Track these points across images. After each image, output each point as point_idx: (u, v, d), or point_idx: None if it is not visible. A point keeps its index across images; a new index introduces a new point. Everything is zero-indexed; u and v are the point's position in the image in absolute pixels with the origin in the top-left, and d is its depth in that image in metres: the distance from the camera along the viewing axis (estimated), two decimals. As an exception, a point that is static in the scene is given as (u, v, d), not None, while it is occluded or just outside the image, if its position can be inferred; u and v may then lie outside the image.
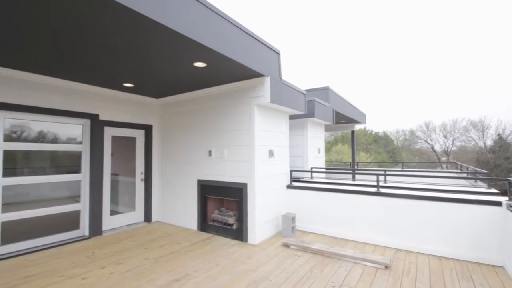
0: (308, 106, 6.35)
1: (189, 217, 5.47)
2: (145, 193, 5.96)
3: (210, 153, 5.16)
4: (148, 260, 3.88)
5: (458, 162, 10.26)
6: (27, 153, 4.37)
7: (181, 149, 5.72)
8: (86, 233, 4.92)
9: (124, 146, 5.76)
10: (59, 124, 4.71)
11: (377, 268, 3.66)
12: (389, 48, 52.76)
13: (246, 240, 4.62)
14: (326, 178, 7.56)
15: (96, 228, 4.96)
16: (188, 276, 3.40)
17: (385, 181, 5.52)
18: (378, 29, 54.73)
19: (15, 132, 4.25)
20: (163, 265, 3.71)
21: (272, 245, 4.50)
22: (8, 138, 4.14)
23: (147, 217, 5.92)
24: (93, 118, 5.00)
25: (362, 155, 32.27)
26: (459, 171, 8.95)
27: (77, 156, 4.94)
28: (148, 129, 6.02)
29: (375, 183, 4.95)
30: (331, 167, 12.08)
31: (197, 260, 3.88)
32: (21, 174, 4.29)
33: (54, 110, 4.49)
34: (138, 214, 5.86)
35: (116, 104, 5.38)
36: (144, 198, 5.96)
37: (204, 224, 5.25)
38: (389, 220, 4.45)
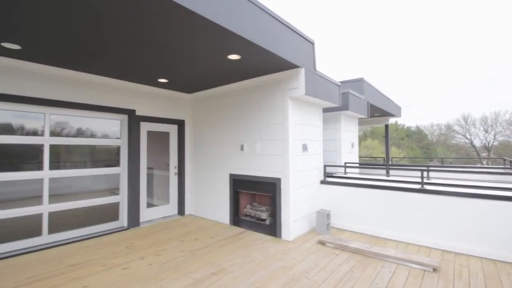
0: (342, 98, 6.07)
1: (222, 211, 5.48)
2: (179, 187, 6.08)
3: (242, 147, 5.11)
4: (184, 253, 3.93)
5: (506, 158, 9.36)
6: (67, 149, 4.56)
7: (213, 144, 5.74)
8: (125, 224, 5.11)
9: (158, 141, 5.88)
10: (97, 121, 4.89)
11: (424, 270, 3.40)
12: (423, 36, 49.57)
13: (279, 236, 4.52)
14: (360, 173, 7.23)
15: (134, 219, 5.13)
16: (225, 270, 3.38)
17: (427, 177, 5.13)
18: (411, 17, 51.58)
19: (60, 129, 4.48)
20: (199, 258, 3.73)
21: (307, 242, 4.37)
22: (52, 134, 4.36)
23: (181, 210, 6.04)
24: (131, 113, 5.14)
25: (393, 150, 30.77)
26: (507, 167, 8.14)
27: (112, 151, 5.12)
28: (180, 124, 6.10)
29: (412, 180, 4.62)
30: (366, 162, 11.55)
31: (232, 255, 3.85)
32: (64, 168, 4.51)
33: (95, 106, 4.67)
34: (172, 207, 5.99)
35: (151, 100, 5.50)
36: (178, 192, 6.08)
37: (237, 218, 5.23)
38: (435, 219, 4.12)
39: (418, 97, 44.95)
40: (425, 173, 4.60)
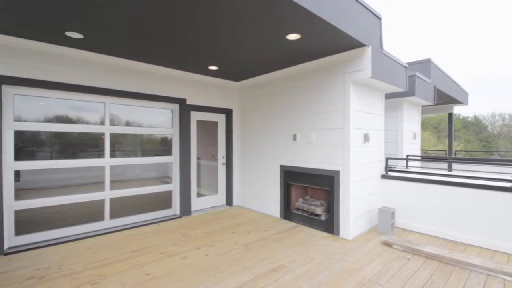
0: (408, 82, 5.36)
1: (271, 203, 5.28)
2: (227, 177, 6.01)
3: (294, 137, 4.80)
4: (239, 245, 3.80)
5: None
6: (117, 138, 4.58)
7: (262, 133, 5.51)
8: (177, 212, 5.18)
9: (205, 131, 5.81)
10: (147, 111, 4.94)
11: (525, 286, 2.81)
12: (483, 14, 43.34)
13: (337, 234, 4.17)
14: (422, 167, 6.47)
15: (186, 208, 5.18)
16: (284, 268, 3.16)
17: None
18: (472, -8, 45.28)
19: (113, 119, 4.61)
20: (255, 252, 3.56)
21: (370, 242, 3.96)
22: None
23: (229, 201, 5.98)
24: (182, 102, 5.13)
25: (448, 143, 27.85)
26: None
27: (156, 141, 5.09)
28: (228, 113, 5.98)
29: (480, 175, 3.91)
30: (431, 156, 10.38)
31: (288, 251, 3.62)
32: (116, 156, 4.56)
33: (151, 95, 4.71)
34: (220, 197, 5.96)
35: (200, 89, 5.43)
36: (226, 182, 6.01)
37: (288, 212, 4.98)
38: (534, 225, 3.42)
39: (476, 84, 39.78)
40: (480, 167, 3.85)
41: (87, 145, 4.30)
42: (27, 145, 3.82)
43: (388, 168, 4.84)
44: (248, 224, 4.78)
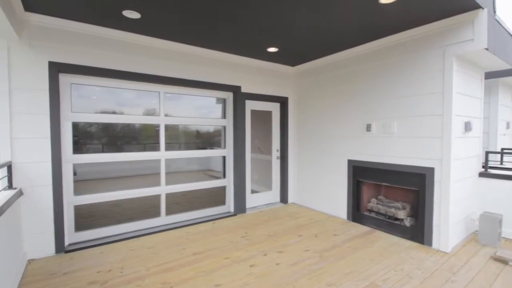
0: None
1: (335, 203, 4.66)
2: (281, 172, 5.49)
3: (368, 127, 4.10)
4: (311, 253, 3.27)
5: None
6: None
7: (324, 124, 4.87)
8: (231, 209, 4.80)
9: (254, 121, 5.26)
10: (196, 101, 4.55)
11: None
12: None
13: (429, 244, 3.44)
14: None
15: (240, 205, 4.78)
16: (378, 287, 2.56)
17: None
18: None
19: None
20: (333, 264, 3.01)
21: (474, 256, 3.18)
22: (146, 113, 4.05)
23: (283, 198, 5.47)
24: (236, 90, 4.67)
25: None
26: None
27: (193, 134, 4.61)
28: (283, 102, 5.41)
29: None
30: None
31: (375, 264, 3.01)
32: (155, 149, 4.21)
33: (204, 83, 4.31)
34: (274, 194, 5.47)
35: (255, 76, 4.92)
36: (280, 178, 5.50)
37: (357, 213, 4.34)
38: None
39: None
40: None
41: (132, 137, 4.02)
42: (81, 138, 3.62)
43: (488, 165, 3.94)
44: (313, 226, 4.23)
